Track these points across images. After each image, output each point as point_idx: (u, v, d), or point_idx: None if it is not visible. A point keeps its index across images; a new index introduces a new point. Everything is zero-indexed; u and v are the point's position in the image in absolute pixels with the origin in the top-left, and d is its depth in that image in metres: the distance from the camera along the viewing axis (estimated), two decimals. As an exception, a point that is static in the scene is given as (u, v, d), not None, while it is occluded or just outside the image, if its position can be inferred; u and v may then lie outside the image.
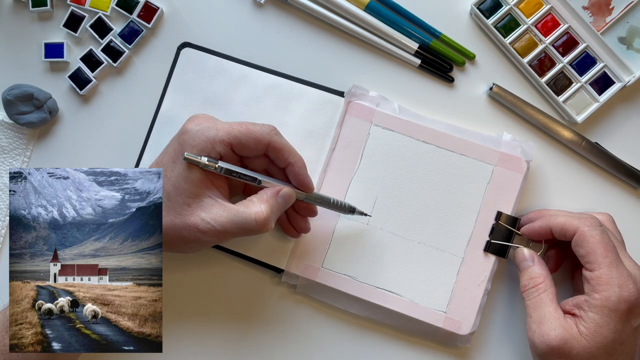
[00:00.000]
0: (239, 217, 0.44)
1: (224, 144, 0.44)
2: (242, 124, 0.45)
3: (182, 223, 0.44)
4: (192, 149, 0.44)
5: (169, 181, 0.45)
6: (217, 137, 0.44)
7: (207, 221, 0.44)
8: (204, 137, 0.44)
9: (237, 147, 0.45)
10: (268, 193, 0.46)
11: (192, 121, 0.46)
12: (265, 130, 0.45)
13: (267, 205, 0.45)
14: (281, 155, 0.46)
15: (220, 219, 0.44)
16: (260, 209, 0.44)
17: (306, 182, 0.47)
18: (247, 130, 0.45)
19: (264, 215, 0.44)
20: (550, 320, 0.45)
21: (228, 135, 0.44)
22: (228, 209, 0.44)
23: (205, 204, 0.44)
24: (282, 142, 0.46)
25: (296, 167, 0.46)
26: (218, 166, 0.44)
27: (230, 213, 0.44)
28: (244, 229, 0.44)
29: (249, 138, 0.45)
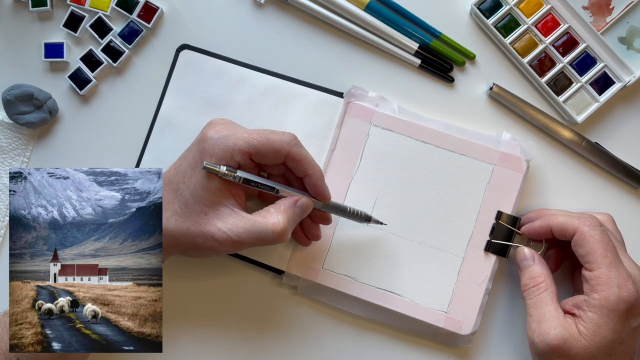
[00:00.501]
0: (255, 228, 0.44)
1: (243, 153, 0.44)
2: (262, 133, 0.45)
3: (198, 231, 0.44)
4: (212, 158, 0.44)
5: (187, 188, 0.45)
6: (237, 146, 0.44)
7: (223, 231, 0.44)
8: (224, 145, 0.44)
9: (255, 157, 0.45)
10: (286, 203, 0.46)
11: (212, 128, 0.45)
12: (285, 140, 0.45)
13: (284, 216, 0.45)
14: (300, 166, 0.46)
15: (237, 229, 0.44)
16: (277, 220, 0.44)
17: (324, 193, 0.47)
18: (266, 140, 0.44)
19: (282, 227, 0.44)
20: (551, 319, 0.45)
21: (247, 145, 0.44)
22: (245, 219, 0.44)
23: (222, 213, 0.44)
24: (302, 153, 0.46)
25: (314, 178, 0.46)
26: (237, 176, 0.44)
27: (247, 223, 0.44)
28: (260, 239, 0.44)
29: (267, 148, 0.44)
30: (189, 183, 0.45)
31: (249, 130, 0.45)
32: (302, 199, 0.46)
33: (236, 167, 0.45)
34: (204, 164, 0.43)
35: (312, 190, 0.47)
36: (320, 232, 0.50)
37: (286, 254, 0.52)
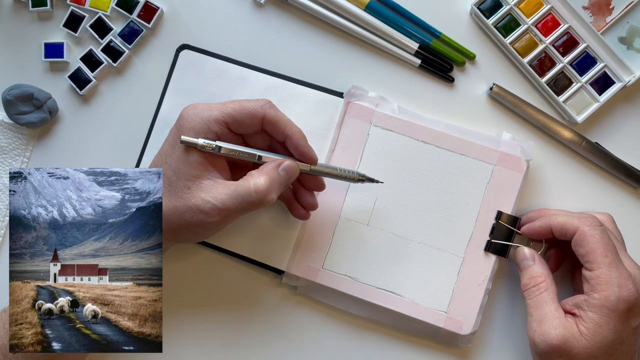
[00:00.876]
0: (237, 192, 0.43)
1: (219, 123, 0.44)
2: (236, 102, 0.45)
3: (184, 206, 0.44)
4: (189, 132, 0.44)
5: (169, 167, 0.45)
6: (212, 116, 0.44)
7: (207, 200, 0.43)
8: (199, 118, 0.45)
9: (232, 125, 0.45)
10: (268, 166, 0.45)
11: (188, 107, 0.46)
12: (259, 104, 0.45)
13: (266, 177, 0.44)
14: (278, 128, 0.46)
15: (220, 196, 0.43)
16: (258, 180, 0.44)
17: (308, 153, 0.46)
18: (240, 106, 0.45)
19: (263, 186, 0.43)
20: (551, 319, 0.45)
21: (222, 113, 0.45)
22: (227, 185, 0.44)
23: (205, 185, 0.44)
24: (277, 114, 0.46)
25: (295, 139, 0.46)
26: (215, 146, 0.44)
27: (230, 189, 0.44)
28: (245, 202, 0.43)
29: (242, 114, 0.45)
30: (170, 161, 0.45)
31: (223, 102, 0.46)
32: (285, 161, 0.46)
33: (215, 139, 0.45)
34: (182, 138, 0.44)
35: (296, 152, 0.46)
36: (315, 201, 0.49)
37: (286, 254, 0.52)
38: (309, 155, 0.47)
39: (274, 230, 0.52)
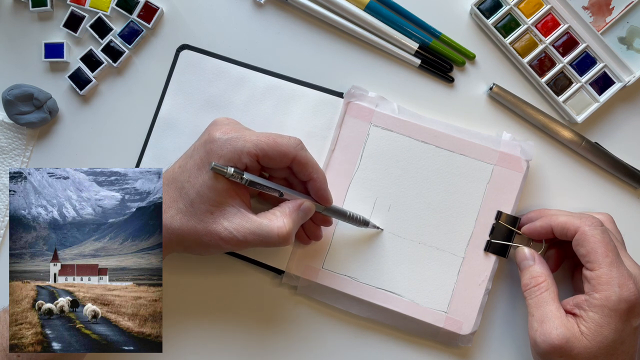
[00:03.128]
0: (261, 231, 0.44)
1: (251, 156, 0.44)
2: (270, 137, 0.45)
3: (205, 230, 0.44)
4: (219, 159, 0.44)
5: (192, 187, 0.45)
6: (245, 148, 0.44)
7: (229, 230, 0.44)
8: (232, 147, 0.44)
9: (263, 160, 0.45)
10: (290, 207, 0.46)
11: (219, 129, 0.46)
12: (292, 144, 0.45)
13: (289, 220, 0.45)
14: (305, 170, 0.46)
15: (243, 229, 0.44)
16: (283, 224, 0.45)
17: (327, 197, 0.48)
18: (274, 143, 0.45)
19: (287, 231, 0.45)
20: (552, 319, 0.45)
21: (256, 148, 0.44)
22: (252, 220, 0.45)
23: (229, 213, 0.45)
24: (307, 157, 0.46)
25: (318, 182, 0.47)
26: (244, 178, 0.44)
27: (253, 225, 0.44)
28: (265, 242, 0.45)
29: (275, 151, 0.45)
30: (195, 183, 0.45)
31: (256, 133, 0.46)
32: (305, 203, 0.47)
33: (243, 169, 0.45)
34: (213, 165, 0.44)
35: (315, 194, 0.47)
36: (321, 233, 0.51)
37: (286, 254, 0.52)
38: (327, 199, 0.48)
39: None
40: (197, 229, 0.45)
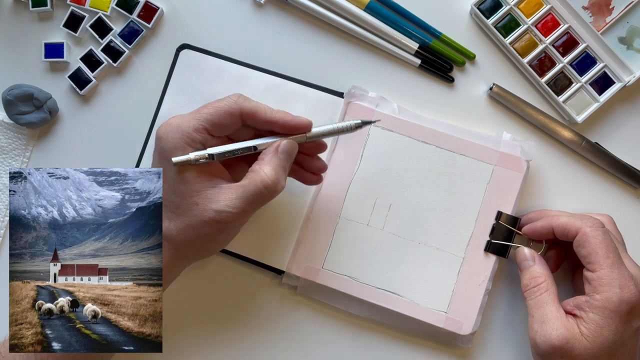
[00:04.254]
0: (248, 192, 0.42)
1: (199, 131, 0.43)
2: (208, 105, 0.44)
3: (199, 222, 0.43)
4: (174, 152, 0.43)
5: (168, 191, 0.44)
6: (190, 127, 0.43)
7: (220, 210, 0.42)
8: (178, 134, 0.43)
9: (213, 129, 0.44)
10: (268, 154, 0.44)
11: (161, 127, 0.44)
12: (232, 100, 0.44)
13: (269, 167, 0.43)
14: (259, 118, 0.44)
15: (232, 202, 0.42)
16: (264, 174, 0.43)
17: (299, 124, 0.45)
18: (214, 109, 0.44)
19: (271, 179, 0.43)
20: (552, 320, 0.45)
21: (199, 121, 0.43)
22: (234, 189, 0.43)
23: (212, 195, 0.43)
24: (253, 104, 0.44)
25: (281, 120, 0.44)
26: (208, 155, 0.43)
27: (238, 192, 0.43)
28: (257, 199, 0.43)
29: (219, 115, 0.43)
30: (167, 186, 0.44)
31: (195, 110, 0.44)
32: (282, 143, 0.44)
33: (202, 149, 0.43)
34: (173, 161, 0.42)
35: (287, 129, 0.45)
36: (323, 162, 0.48)
37: (286, 254, 0.52)
38: (302, 124, 0.45)
39: (274, 231, 0.52)
40: (192, 224, 0.43)
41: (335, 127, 0.46)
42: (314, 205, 0.52)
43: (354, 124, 0.46)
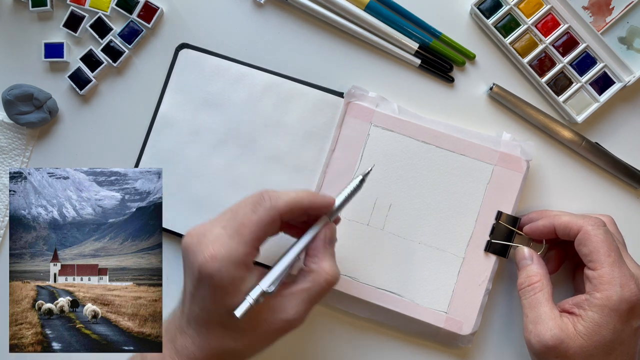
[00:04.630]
0: (313, 294, 0.41)
1: (250, 254, 0.40)
2: (246, 224, 0.40)
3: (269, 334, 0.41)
4: (232, 285, 0.39)
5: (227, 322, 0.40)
6: (241, 254, 0.40)
7: (290, 320, 0.41)
8: (232, 266, 0.39)
9: (260, 244, 0.41)
10: (319, 249, 0.42)
11: (207, 265, 0.39)
12: (267, 208, 0.41)
13: (328, 263, 0.42)
14: (293, 212, 0.42)
15: (299, 307, 0.41)
16: (326, 274, 0.41)
17: (326, 204, 0.43)
18: (256, 226, 0.40)
19: (334, 275, 0.42)
20: (546, 320, 0.45)
21: (246, 245, 0.40)
22: (299, 294, 0.41)
23: (276, 307, 0.41)
24: (284, 201, 0.41)
25: (311, 210, 0.43)
26: (265, 291, 0.40)
27: (304, 296, 0.41)
28: (322, 297, 0.42)
29: (263, 231, 0.41)
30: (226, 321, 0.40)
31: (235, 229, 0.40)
32: (326, 233, 0.43)
33: (252, 267, 0.41)
34: (238, 316, 0.39)
35: (318, 212, 0.44)
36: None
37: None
38: (327, 204, 0.43)
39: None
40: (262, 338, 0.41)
41: (349, 194, 0.45)
42: (314, 205, 0.52)
43: (359, 181, 0.45)
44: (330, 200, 0.44)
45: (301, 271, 0.43)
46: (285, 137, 0.53)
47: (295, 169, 0.52)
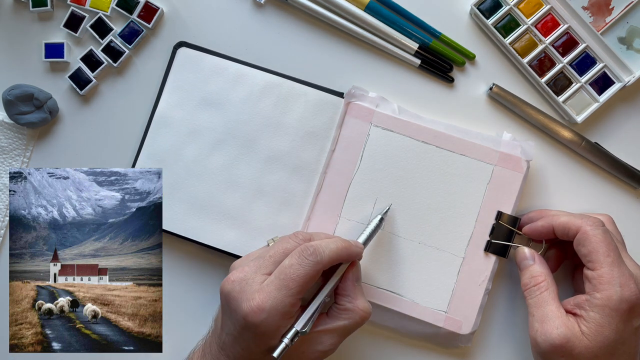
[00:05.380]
0: (349, 329, 0.45)
1: (295, 305, 0.43)
2: (293, 277, 0.42)
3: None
4: (276, 333, 0.42)
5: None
6: (286, 305, 0.42)
7: (326, 351, 0.44)
8: (277, 316, 0.42)
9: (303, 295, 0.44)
10: (350, 288, 0.45)
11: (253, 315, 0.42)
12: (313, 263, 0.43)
13: (360, 300, 0.45)
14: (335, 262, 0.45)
15: (335, 340, 0.44)
16: (362, 311, 0.45)
17: (357, 253, 0.46)
18: (303, 280, 0.42)
19: (367, 310, 0.45)
20: (553, 318, 0.45)
21: (293, 297, 0.42)
22: (337, 331, 0.44)
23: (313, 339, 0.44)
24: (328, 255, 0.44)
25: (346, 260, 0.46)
26: (300, 332, 0.43)
27: (340, 332, 0.44)
28: (355, 330, 0.45)
29: (309, 283, 0.43)
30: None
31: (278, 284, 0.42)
32: (354, 272, 0.46)
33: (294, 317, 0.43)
34: (275, 356, 0.42)
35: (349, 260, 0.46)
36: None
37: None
38: (359, 253, 0.46)
39: (273, 231, 0.52)
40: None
41: (369, 234, 0.49)
42: (314, 205, 0.52)
43: (378, 220, 0.49)
44: (361, 249, 0.47)
45: (335, 309, 0.45)
46: (285, 137, 0.53)
47: (295, 169, 0.52)
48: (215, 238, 0.52)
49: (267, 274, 0.44)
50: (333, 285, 0.46)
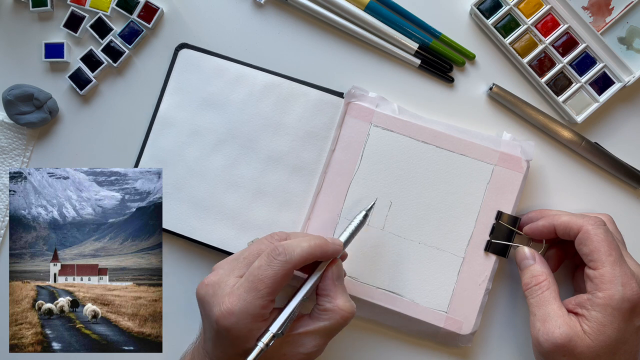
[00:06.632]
0: (331, 329, 0.43)
1: (266, 307, 0.42)
2: (262, 279, 0.41)
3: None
4: (249, 336, 0.41)
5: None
6: (257, 307, 0.41)
7: (309, 352, 0.43)
8: (248, 319, 0.41)
9: (275, 296, 0.42)
10: (329, 288, 0.44)
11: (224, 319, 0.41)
12: (282, 262, 0.42)
13: (341, 300, 0.44)
14: (307, 262, 0.43)
15: (318, 341, 0.43)
16: (342, 311, 0.43)
17: (334, 251, 0.45)
18: (272, 281, 0.41)
19: (349, 310, 0.43)
20: (555, 318, 0.45)
21: (263, 299, 0.41)
22: (318, 332, 0.43)
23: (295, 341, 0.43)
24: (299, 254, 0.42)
25: (322, 258, 0.44)
26: (276, 334, 0.42)
27: (321, 333, 0.43)
28: (338, 330, 0.44)
29: (279, 285, 0.42)
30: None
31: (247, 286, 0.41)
32: (333, 271, 0.45)
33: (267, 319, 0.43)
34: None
35: (326, 258, 0.45)
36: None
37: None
38: (337, 251, 0.45)
39: (274, 231, 0.52)
40: None
41: (352, 230, 0.47)
42: (314, 205, 0.52)
43: (362, 217, 0.48)
44: (339, 247, 0.45)
45: (316, 309, 0.44)
46: (285, 137, 0.53)
47: (295, 169, 0.52)
48: (216, 238, 0.52)
49: (239, 276, 0.43)
50: (311, 285, 0.44)
